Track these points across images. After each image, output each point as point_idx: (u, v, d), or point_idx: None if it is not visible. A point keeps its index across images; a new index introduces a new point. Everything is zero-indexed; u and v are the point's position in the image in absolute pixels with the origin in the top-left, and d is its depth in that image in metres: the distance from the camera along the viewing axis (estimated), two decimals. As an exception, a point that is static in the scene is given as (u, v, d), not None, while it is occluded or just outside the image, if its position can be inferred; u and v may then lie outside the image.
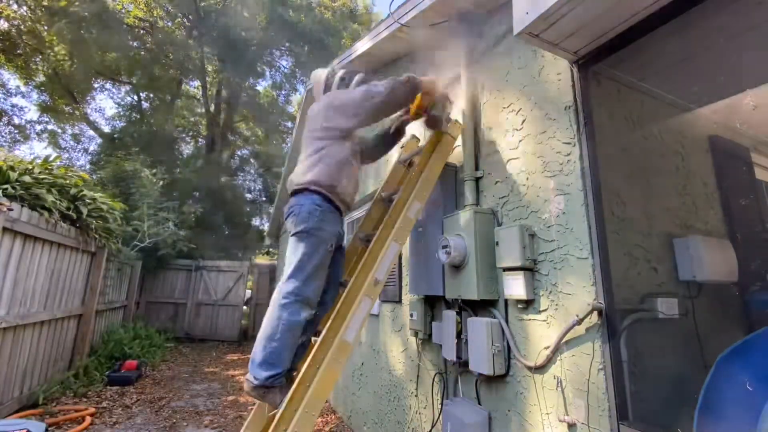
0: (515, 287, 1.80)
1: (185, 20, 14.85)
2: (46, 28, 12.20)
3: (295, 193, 1.94)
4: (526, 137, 1.95)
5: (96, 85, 15.58)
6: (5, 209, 3.38)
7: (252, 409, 1.96)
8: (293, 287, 1.77)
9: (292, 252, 1.84)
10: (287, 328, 1.71)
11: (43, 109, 14.80)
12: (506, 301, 1.94)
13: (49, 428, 3.54)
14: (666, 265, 1.61)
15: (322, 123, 1.98)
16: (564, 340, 1.58)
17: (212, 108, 16.77)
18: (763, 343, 1.23)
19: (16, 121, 15.18)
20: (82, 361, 5.26)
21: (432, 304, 2.57)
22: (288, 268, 1.82)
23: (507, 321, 1.92)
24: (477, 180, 2.27)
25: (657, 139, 1.83)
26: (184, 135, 17.88)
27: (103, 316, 6.45)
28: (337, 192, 1.92)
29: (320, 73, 2.28)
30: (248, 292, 12.05)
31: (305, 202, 1.85)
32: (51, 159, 4.64)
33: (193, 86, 18.14)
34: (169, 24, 14.86)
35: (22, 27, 12.31)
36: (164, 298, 9.54)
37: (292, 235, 1.87)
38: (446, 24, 2.68)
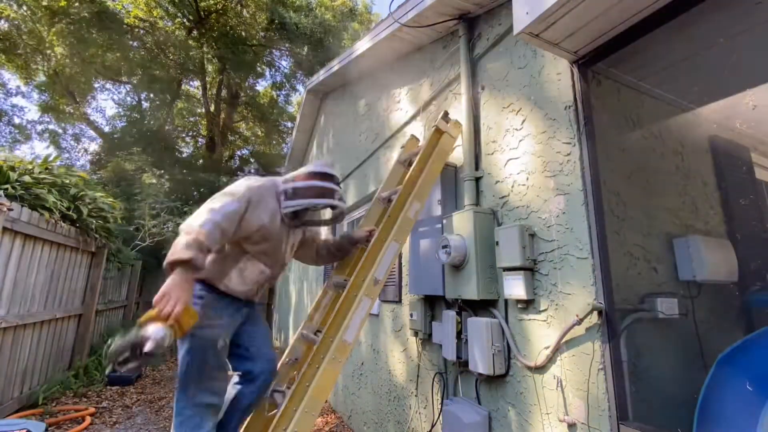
0: (515, 287, 1.80)
1: (185, 20, 14.85)
2: (46, 28, 12.21)
3: None
4: (526, 137, 1.94)
5: (96, 85, 15.60)
6: (5, 209, 3.38)
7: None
8: (185, 401, 1.54)
9: (180, 360, 1.58)
10: None
11: (44, 109, 14.81)
12: (506, 301, 1.94)
13: (49, 428, 3.54)
14: (666, 265, 1.61)
15: None
16: (564, 340, 1.58)
17: (212, 108, 16.77)
18: (763, 343, 1.23)
19: (17, 121, 15.22)
20: (82, 361, 5.26)
21: (432, 304, 2.57)
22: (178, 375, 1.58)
23: (507, 321, 1.92)
24: (477, 180, 2.27)
25: (657, 139, 1.82)
26: (184, 135, 17.90)
27: (103, 316, 6.46)
28: (225, 283, 1.67)
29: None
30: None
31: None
32: (51, 159, 4.64)
33: (193, 86, 18.16)
34: (170, 24, 14.86)
35: (22, 27, 12.31)
36: (164, 298, 9.51)
37: None
38: (445, 24, 2.68)
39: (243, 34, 14.74)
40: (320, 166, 1.84)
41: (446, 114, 2.37)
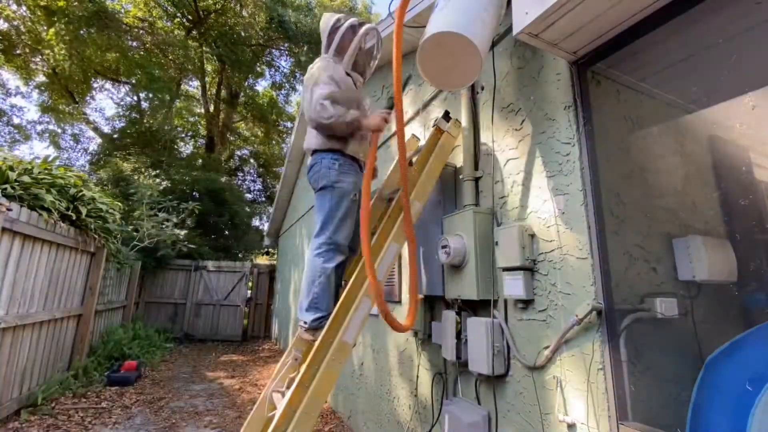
0: (515, 287, 1.80)
1: (184, 20, 14.83)
2: (45, 28, 12.19)
3: (313, 152, 2.10)
4: (526, 137, 1.94)
5: (96, 85, 15.58)
6: (4, 209, 3.37)
7: (252, 409, 1.96)
8: (325, 237, 1.96)
9: (320, 207, 2.02)
10: (324, 273, 1.91)
11: (44, 109, 14.80)
12: (506, 301, 1.94)
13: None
14: (666, 265, 1.61)
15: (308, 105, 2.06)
16: (563, 340, 1.58)
17: (212, 108, 16.76)
18: (749, 346, 1.23)
19: (16, 121, 15.20)
20: (82, 362, 5.26)
21: (432, 304, 2.57)
22: (317, 222, 2.01)
23: (506, 321, 1.92)
24: (476, 180, 2.27)
25: (657, 139, 1.82)
26: (183, 135, 17.88)
27: (102, 316, 6.45)
28: (347, 151, 2.08)
29: (328, 20, 2.31)
30: (247, 292, 12.07)
31: (323, 159, 2.03)
32: (50, 159, 4.64)
33: (193, 87, 18.15)
34: (169, 24, 14.83)
35: (21, 27, 12.29)
36: (164, 299, 9.53)
37: (317, 191, 2.05)
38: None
39: (242, 33, 14.74)
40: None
41: (446, 114, 2.37)
